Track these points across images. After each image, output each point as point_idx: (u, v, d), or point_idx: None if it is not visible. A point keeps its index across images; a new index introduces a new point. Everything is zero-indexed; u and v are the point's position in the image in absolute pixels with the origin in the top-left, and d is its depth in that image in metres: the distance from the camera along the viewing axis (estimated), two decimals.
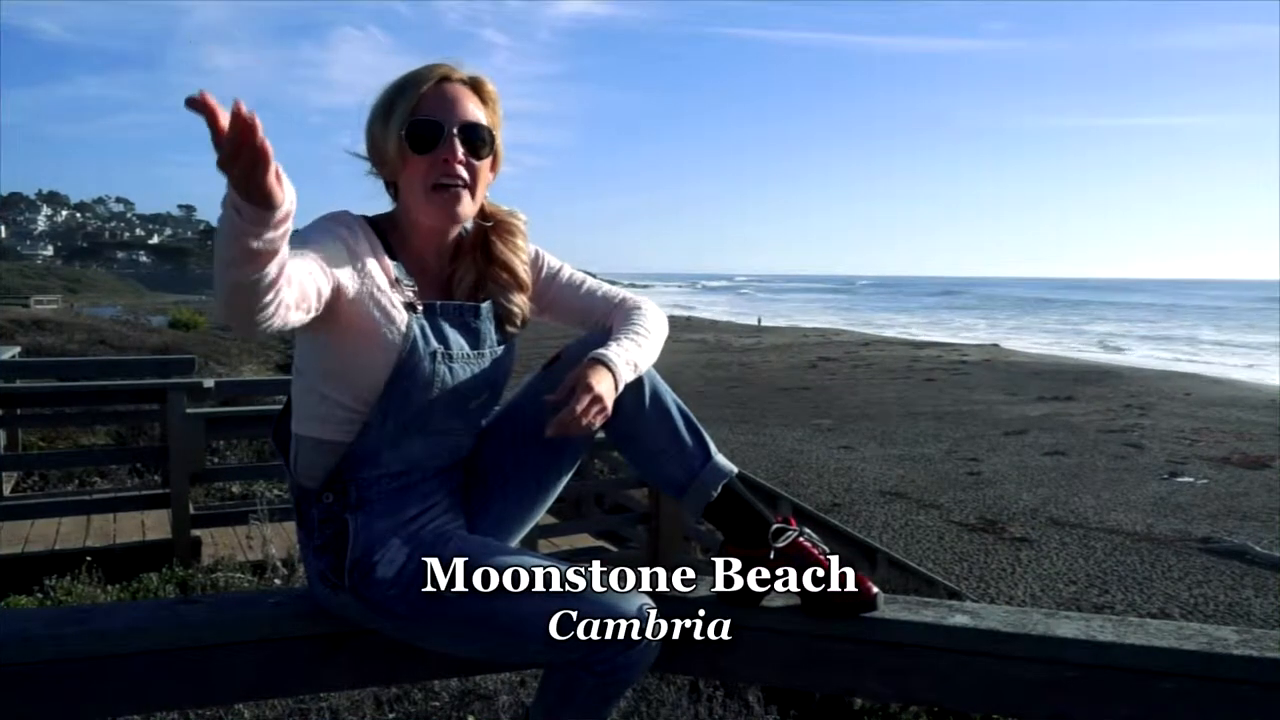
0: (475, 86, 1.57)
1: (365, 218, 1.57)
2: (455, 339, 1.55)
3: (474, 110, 1.54)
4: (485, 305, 1.61)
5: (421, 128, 1.50)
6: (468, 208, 1.55)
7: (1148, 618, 1.67)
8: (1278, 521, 10.68)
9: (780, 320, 58.38)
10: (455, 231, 1.61)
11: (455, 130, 1.51)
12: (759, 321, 55.87)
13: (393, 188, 1.59)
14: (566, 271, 1.74)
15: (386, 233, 1.56)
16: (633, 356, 1.55)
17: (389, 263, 1.52)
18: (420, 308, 1.52)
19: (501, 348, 1.63)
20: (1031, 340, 43.50)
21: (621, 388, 1.51)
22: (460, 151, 1.51)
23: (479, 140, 1.53)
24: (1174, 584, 8.75)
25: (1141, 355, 35.49)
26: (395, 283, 1.52)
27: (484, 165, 1.56)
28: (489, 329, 1.61)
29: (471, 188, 1.54)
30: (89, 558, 5.09)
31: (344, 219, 1.51)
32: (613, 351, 1.52)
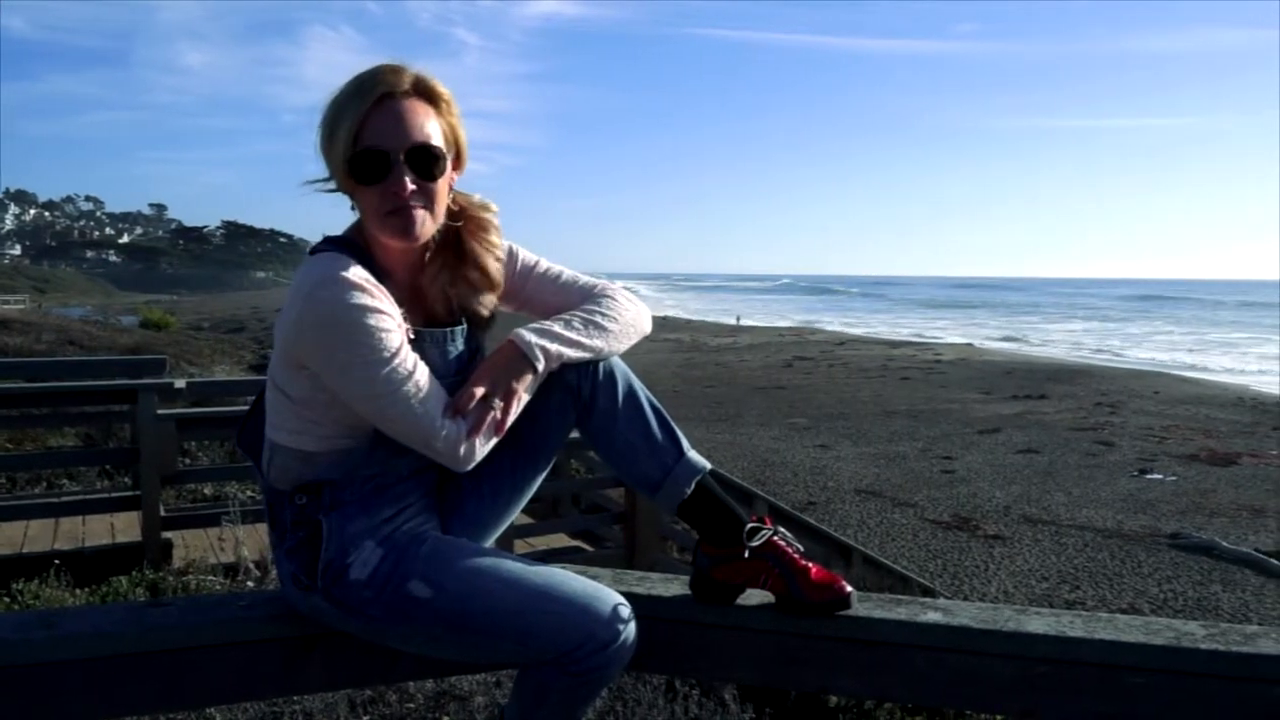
0: (422, 91, 1.49)
1: (344, 245, 1.51)
2: (439, 363, 1.53)
3: (422, 125, 1.47)
4: (460, 328, 1.60)
5: (366, 159, 1.44)
6: (427, 227, 1.50)
7: (1117, 613, 1.69)
8: (1244, 517, 10.84)
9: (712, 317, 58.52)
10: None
11: (402, 157, 1.45)
12: (737, 320, 56.02)
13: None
14: (543, 265, 1.70)
15: (365, 250, 1.52)
16: (553, 343, 1.52)
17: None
18: (412, 337, 1.49)
19: (476, 359, 1.62)
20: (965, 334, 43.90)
21: (540, 367, 1.50)
22: (409, 180, 1.45)
23: (430, 161, 1.47)
24: (1144, 580, 8.86)
25: (1110, 355, 35.95)
26: None
27: (440, 182, 1.50)
28: (463, 345, 1.60)
29: (429, 206, 1.49)
30: (57, 561, 5.02)
31: (362, 289, 1.40)
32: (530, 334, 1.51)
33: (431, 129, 1.48)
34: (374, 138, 1.44)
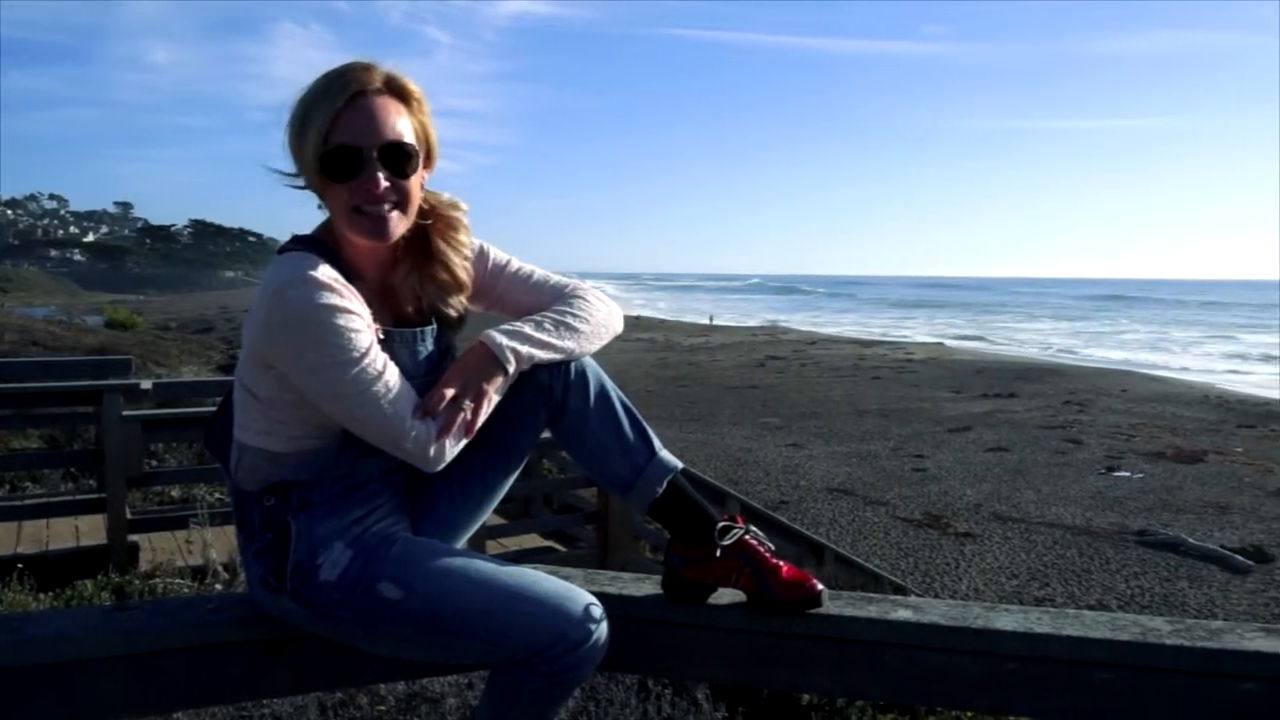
0: (394, 89, 1.47)
1: (313, 244, 1.49)
2: (408, 364, 1.52)
3: (395, 124, 1.46)
4: (430, 329, 1.59)
5: (338, 157, 1.42)
6: (398, 227, 1.49)
7: (1085, 610, 1.70)
8: (1210, 514, 11.00)
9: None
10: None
11: (375, 154, 1.43)
12: (710, 320, 56.10)
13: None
14: (514, 264, 1.69)
15: (334, 249, 1.50)
16: (524, 345, 1.51)
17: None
18: (381, 337, 1.48)
19: (446, 359, 1.61)
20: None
21: (510, 368, 1.50)
22: (382, 178, 1.44)
23: (403, 159, 1.46)
24: (1111, 576, 8.97)
25: (1079, 353, 36.39)
26: None
27: (413, 180, 1.49)
28: (433, 345, 1.59)
29: (401, 205, 1.48)
30: (20, 565, 4.94)
31: (331, 289, 1.39)
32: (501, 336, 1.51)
33: (403, 127, 1.47)
34: (346, 135, 1.43)
